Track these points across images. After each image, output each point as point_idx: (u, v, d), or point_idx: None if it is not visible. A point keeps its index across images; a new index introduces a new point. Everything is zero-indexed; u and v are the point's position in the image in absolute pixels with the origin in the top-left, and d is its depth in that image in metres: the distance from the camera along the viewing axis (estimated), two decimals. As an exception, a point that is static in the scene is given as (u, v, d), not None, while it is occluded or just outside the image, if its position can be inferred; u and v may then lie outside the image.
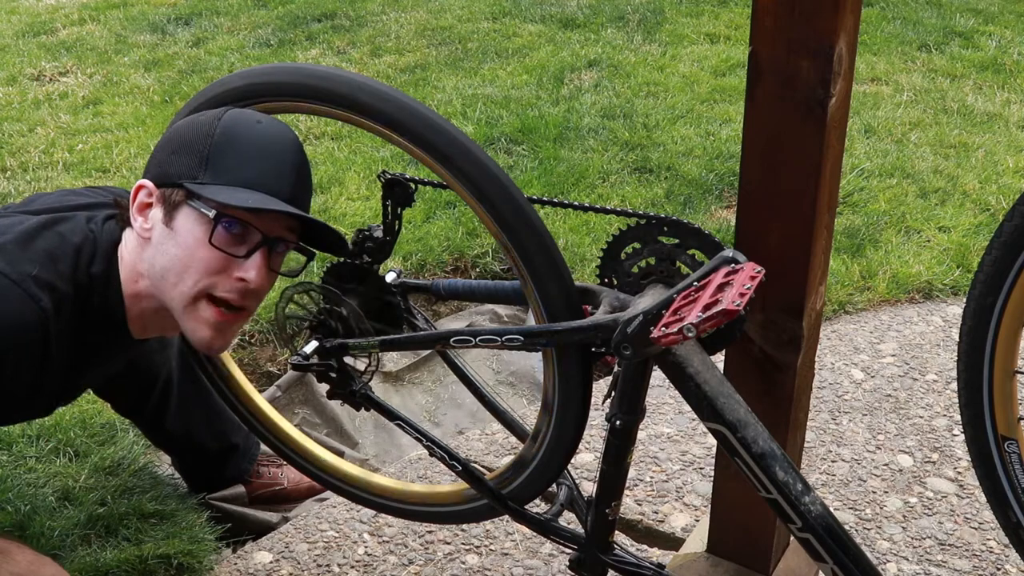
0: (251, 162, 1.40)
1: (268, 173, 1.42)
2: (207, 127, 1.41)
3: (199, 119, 1.44)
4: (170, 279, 1.43)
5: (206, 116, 1.43)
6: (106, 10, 5.23)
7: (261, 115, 1.45)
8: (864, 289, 2.74)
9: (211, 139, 1.40)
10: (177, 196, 1.41)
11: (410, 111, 1.33)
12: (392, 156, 3.38)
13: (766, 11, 1.22)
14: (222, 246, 1.40)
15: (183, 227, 1.41)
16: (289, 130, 1.47)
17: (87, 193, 1.65)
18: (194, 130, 1.42)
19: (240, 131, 1.41)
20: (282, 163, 1.43)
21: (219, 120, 1.41)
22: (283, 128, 1.46)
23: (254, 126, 1.42)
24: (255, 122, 1.43)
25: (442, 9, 5.08)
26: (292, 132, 1.47)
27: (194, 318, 1.44)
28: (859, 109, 3.79)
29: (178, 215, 1.41)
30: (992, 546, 1.90)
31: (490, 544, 1.95)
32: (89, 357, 1.54)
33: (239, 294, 1.43)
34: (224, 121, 1.41)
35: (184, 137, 1.43)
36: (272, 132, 1.44)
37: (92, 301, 1.48)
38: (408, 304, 1.63)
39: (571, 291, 1.36)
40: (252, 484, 2.16)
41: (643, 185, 3.27)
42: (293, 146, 1.46)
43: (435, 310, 2.81)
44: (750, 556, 1.64)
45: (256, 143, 1.41)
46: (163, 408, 1.98)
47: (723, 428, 1.26)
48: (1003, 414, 1.26)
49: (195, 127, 1.43)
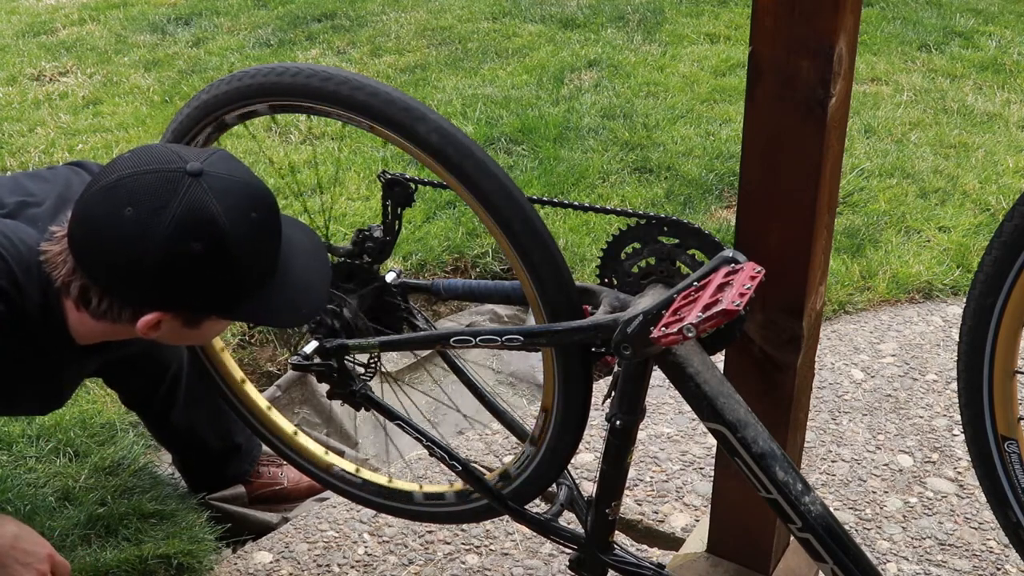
0: (263, 268, 1.35)
1: (270, 266, 1.37)
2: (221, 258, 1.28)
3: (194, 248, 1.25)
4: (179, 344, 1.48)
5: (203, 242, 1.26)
6: (106, 10, 5.23)
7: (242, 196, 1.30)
8: (864, 289, 2.74)
9: (235, 272, 1.30)
10: (205, 317, 1.38)
11: (404, 107, 1.32)
12: (392, 156, 3.38)
13: (766, 11, 1.22)
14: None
15: (210, 329, 1.42)
16: (263, 188, 1.35)
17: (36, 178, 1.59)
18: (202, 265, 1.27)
19: (254, 244, 1.31)
20: (276, 240, 1.37)
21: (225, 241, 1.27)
22: (263, 193, 1.34)
23: (254, 228, 1.30)
24: (251, 220, 1.30)
25: (442, 9, 5.08)
26: (264, 188, 1.35)
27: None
28: (859, 109, 3.79)
29: (205, 321, 1.38)
30: (992, 546, 1.90)
31: (490, 544, 1.95)
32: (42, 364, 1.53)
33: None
34: (234, 241, 1.27)
35: (197, 272, 1.28)
36: (267, 214, 1.34)
37: (26, 326, 1.44)
38: (408, 304, 1.63)
39: (571, 291, 1.36)
40: (252, 484, 2.16)
41: (643, 185, 3.27)
42: (274, 210, 1.36)
43: (435, 310, 2.81)
44: (750, 556, 1.64)
45: (265, 245, 1.35)
46: (170, 402, 1.99)
47: (723, 428, 1.26)
48: (1003, 414, 1.26)
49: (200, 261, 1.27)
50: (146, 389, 1.98)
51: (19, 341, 1.44)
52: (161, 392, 1.97)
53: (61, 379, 1.63)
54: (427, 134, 1.31)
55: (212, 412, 2.04)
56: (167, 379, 1.97)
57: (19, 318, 1.41)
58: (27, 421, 2.18)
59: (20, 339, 1.43)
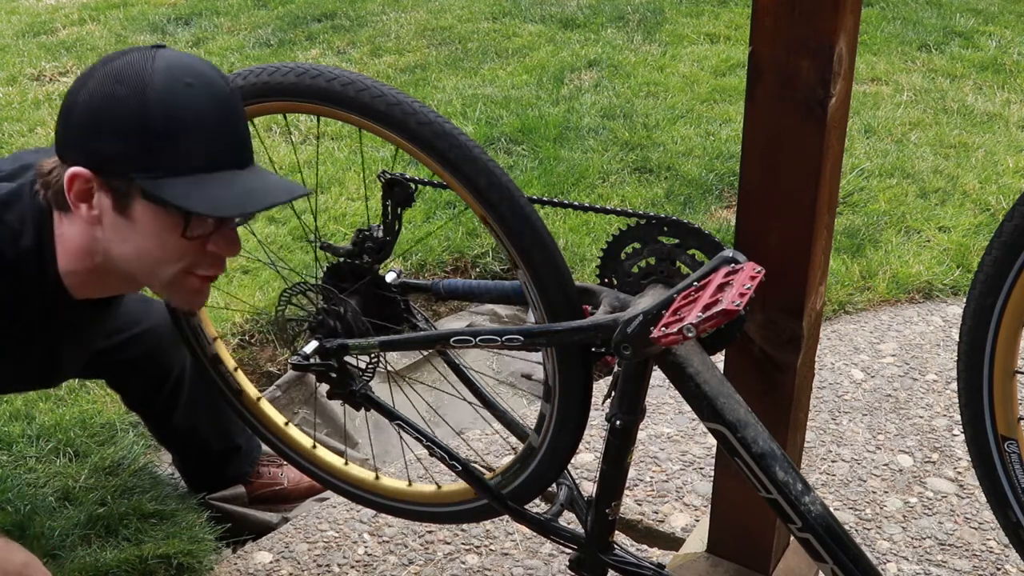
0: (201, 143, 1.30)
1: (222, 149, 1.33)
2: (136, 101, 1.27)
3: (117, 91, 1.28)
4: (143, 268, 1.38)
5: (126, 87, 1.28)
6: (106, 10, 5.23)
7: (187, 70, 1.31)
8: (864, 289, 2.74)
9: (146, 119, 1.27)
10: (128, 187, 1.31)
11: (409, 111, 1.33)
12: (392, 156, 3.38)
13: (766, 11, 1.22)
14: (197, 234, 1.35)
15: (146, 220, 1.33)
16: (221, 77, 1.34)
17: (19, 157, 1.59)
18: (119, 105, 1.28)
19: (177, 104, 1.28)
20: (229, 126, 1.33)
21: (146, 91, 1.27)
22: (216, 81, 1.33)
23: (187, 92, 1.29)
24: (185, 85, 1.29)
25: (442, 9, 5.08)
26: (224, 78, 1.35)
27: (177, 291, 1.43)
28: (859, 109, 3.79)
29: (135, 207, 1.32)
30: (992, 546, 1.90)
31: (490, 544, 1.95)
32: (40, 323, 1.51)
33: (219, 266, 1.41)
34: (153, 95, 1.27)
35: (111, 114, 1.28)
36: (208, 93, 1.31)
37: (27, 276, 1.44)
38: (408, 304, 1.63)
39: (571, 291, 1.36)
40: (252, 484, 2.16)
41: (643, 185, 3.27)
42: (231, 96, 1.34)
43: (435, 310, 2.81)
44: (750, 556, 1.64)
45: (198, 113, 1.30)
46: (173, 403, 1.99)
47: (723, 428, 1.26)
48: (1003, 414, 1.26)
49: (119, 102, 1.28)
50: (149, 391, 1.98)
51: (12, 289, 1.43)
52: (164, 393, 1.97)
53: (60, 347, 1.61)
54: (423, 132, 1.31)
55: (214, 413, 2.04)
56: (170, 381, 1.97)
57: (13, 264, 1.42)
58: (27, 421, 2.18)
59: (14, 289, 1.43)
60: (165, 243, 1.35)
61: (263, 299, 2.65)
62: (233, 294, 2.67)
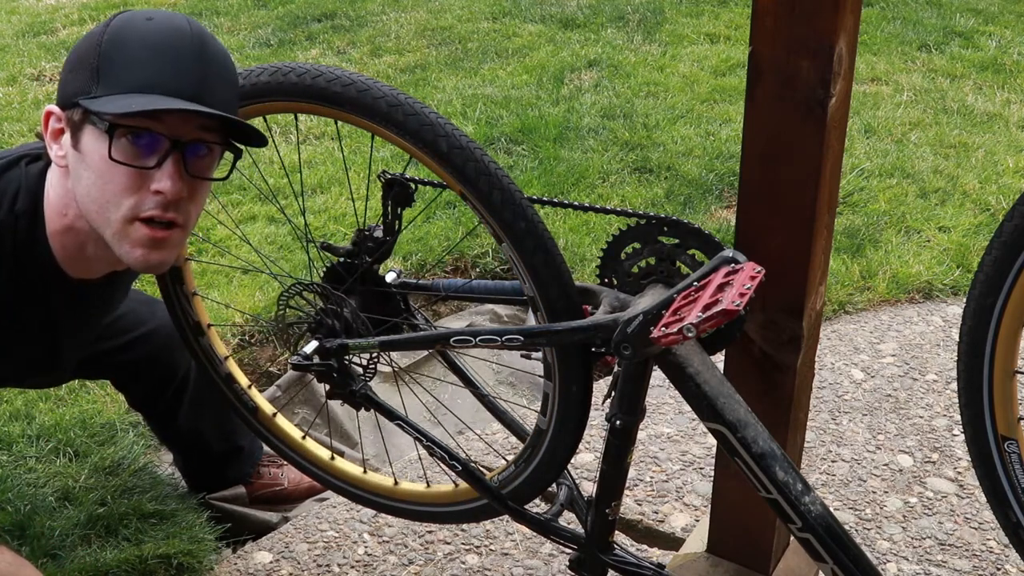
0: (143, 64, 1.30)
1: (164, 72, 1.30)
2: (96, 36, 1.32)
3: (92, 31, 1.34)
4: (93, 208, 1.35)
5: (98, 26, 1.34)
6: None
7: (154, 12, 1.35)
8: (864, 289, 2.74)
9: (99, 48, 1.31)
10: (77, 116, 1.32)
11: (406, 109, 1.33)
12: (392, 156, 3.38)
13: (766, 11, 1.22)
14: (127, 160, 1.31)
15: (89, 148, 1.32)
16: (188, 22, 1.35)
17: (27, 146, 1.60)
18: (85, 42, 1.34)
19: (129, 33, 1.31)
20: (180, 58, 1.31)
21: (107, 27, 1.32)
22: (179, 21, 1.34)
23: (144, 24, 1.32)
24: (145, 19, 1.33)
25: (442, 9, 5.08)
26: (192, 24, 1.35)
27: (127, 242, 1.36)
28: (859, 109, 3.79)
29: (83, 136, 1.33)
30: (992, 546, 1.90)
31: (490, 544, 1.95)
32: (38, 305, 1.51)
33: (161, 207, 1.33)
34: (112, 26, 1.32)
35: (78, 52, 1.34)
36: (165, 27, 1.32)
37: (18, 239, 1.43)
38: (408, 304, 1.63)
39: (571, 291, 1.36)
40: (252, 484, 2.16)
41: (643, 185, 3.27)
42: (193, 39, 1.33)
43: (435, 310, 2.82)
44: (750, 556, 1.64)
45: (147, 42, 1.31)
46: (177, 404, 1.99)
47: (723, 428, 1.26)
48: (1003, 414, 1.26)
49: (87, 39, 1.34)
50: (154, 391, 1.98)
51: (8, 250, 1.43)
52: (168, 394, 1.97)
53: (59, 325, 1.59)
54: (428, 135, 1.31)
55: (217, 414, 2.04)
56: (175, 382, 1.97)
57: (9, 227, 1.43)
58: (27, 421, 2.18)
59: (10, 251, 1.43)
60: (103, 173, 1.32)
61: (263, 299, 2.65)
62: (232, 296, 2.67)
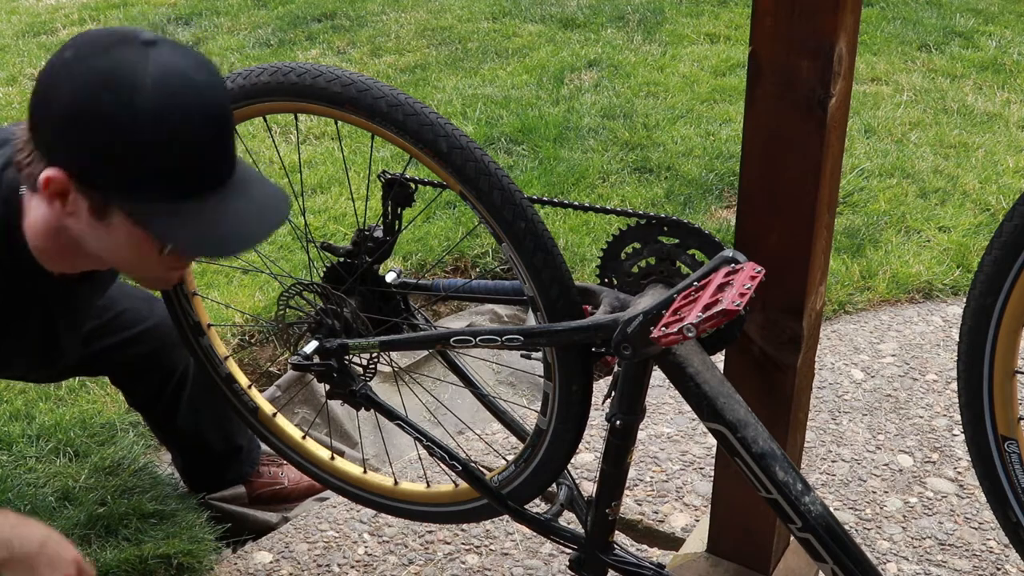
0: (189, 168, 1.22)
1: (210, 170, 1.25)
2: (125, 118, 1.17)
3: (104, 97, 1.16)
4: (115, 262, 1.39)
5: (114, 94, 1.16)
6: (106, 10, 5.24)
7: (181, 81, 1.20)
8: (864, 289, 2.74)
9: (133, 139, 1.17)
10: (107, 200, 1.25)
11: (406, 109, 1.33)
12: (392, 156, 3.38)
13: (766, 11, 1.22)
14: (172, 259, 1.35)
15: (124, 231, 1.27)
16: (214, 87, 1.23)
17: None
18: (105, 116, 1.17)
19: (168, 123, 1.18)
20: (219, 144, 1.25)
21: (135, 104, 1.16)
22: (210, 90, 1.23)
23: (183, 112, 1.19)
24: (180, 104, 1.19)
25: (442, 9, 5.08)
26: (215, 88, 1.24)
27: (146, 281, 1.53)
28: (859, 109, 3.79)
29: (113, 217, 1.26)
30: (992, 546, 1.90)
31: (490, 544, 1.95)
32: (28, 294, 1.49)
33: (187, 264, 1.50)
34: (144, 111, 1.17)
35: (97, 125, 1.18)
36: (204, 113, 1.21)
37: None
38: (408, 304, 1.63)
39: (571, 291, 1.36)
40: (252, 484, 2.16)
41: (643, 185, 3.27)
42: (221, 114, 1.24)
43: (435, 310, 2.81)
44: (750, 556, 1.64)
45: (189, 138, 1.20)
46: (176, 402, 1.99)
47: (723, 428, 1.26)
48: (1003, 414, 1.26)
49: (105, 110, 1.17)
50: (152, 389, 1.98)
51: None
52: (167, 392, 1.97)
53: (55, 321, 1.59)
54: (428, 135, 1.31)
55: (216, 414, 2.04)
56: (174, 379, 1.97)
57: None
58: (27, 421, 2.18)
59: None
60: (142, 256, 1.32)
61: (263, 299, 2.65)
62: (232, 297, 2.67)
